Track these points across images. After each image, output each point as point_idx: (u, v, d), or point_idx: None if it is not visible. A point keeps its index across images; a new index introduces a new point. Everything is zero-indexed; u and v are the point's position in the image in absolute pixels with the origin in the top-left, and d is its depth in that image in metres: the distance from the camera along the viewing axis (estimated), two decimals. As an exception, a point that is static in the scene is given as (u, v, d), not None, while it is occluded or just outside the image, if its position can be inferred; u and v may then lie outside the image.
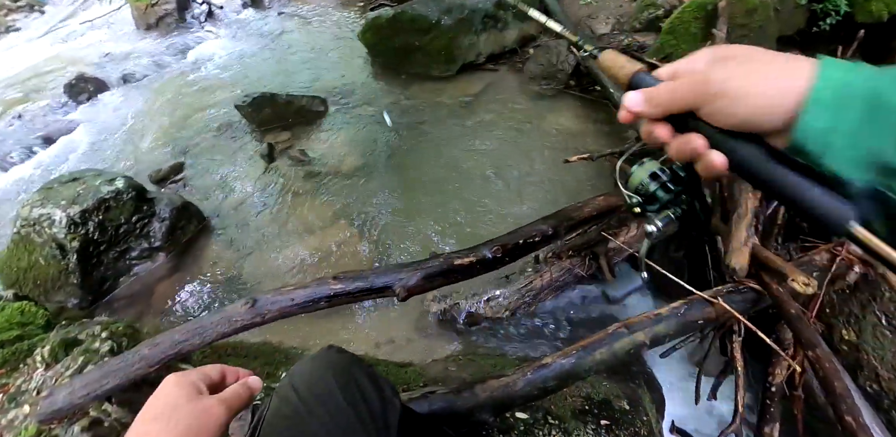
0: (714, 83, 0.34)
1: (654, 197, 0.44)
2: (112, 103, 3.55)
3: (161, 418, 0.44)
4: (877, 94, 0.29)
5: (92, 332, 1.21)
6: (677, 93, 0.36)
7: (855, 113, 0.29)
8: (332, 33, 4.06)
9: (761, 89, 0.32)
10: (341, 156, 2.66)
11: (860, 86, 0.30)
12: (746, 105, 0.33)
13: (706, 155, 0.36)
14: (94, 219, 1.97)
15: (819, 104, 0.30)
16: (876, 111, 0.29)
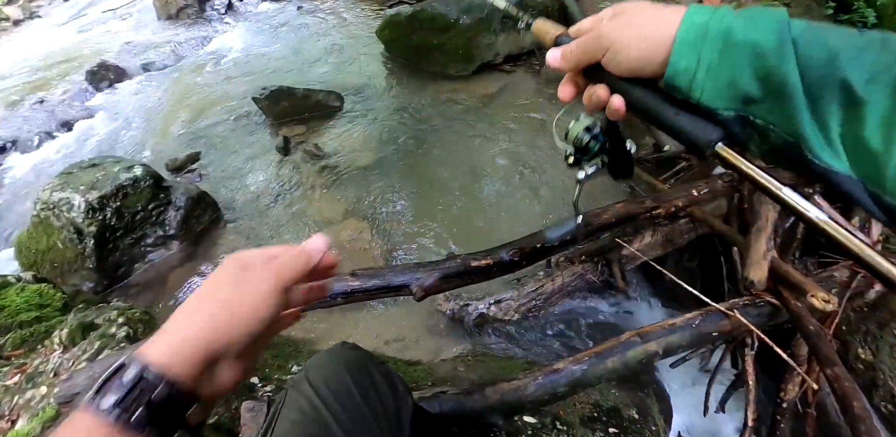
0: (605, 38, 0.39)
1: (586, 148, 0.50)
2: (132, 91, 3.59)
3: (196, 300, 0.38)
4: (729, 32, 0.34)
5: (108, 317, 1.23)
6: (580, 47, 0.41)
7: (712, 51, 0.34)
8: (349, 29, 4.07)
9: (638, 41, 0.38)
10: (356, 152, 2.67)
11: (716, 28, 0.34)
12: (629, 55, 0.38)
13: (609, 101, 0.41)
14: (111, 205, 1.99)
15: (683, 45, 0.35)
16: (729, 48, 0.34)
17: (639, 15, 0.39)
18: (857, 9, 2.58)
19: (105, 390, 0.32)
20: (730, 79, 0.34)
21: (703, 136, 0.35)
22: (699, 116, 0.36)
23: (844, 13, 2.65)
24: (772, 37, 0.33)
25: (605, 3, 3.41)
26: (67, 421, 0.32)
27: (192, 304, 0.38)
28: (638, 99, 0.39)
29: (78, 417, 0.32)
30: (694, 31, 0.35)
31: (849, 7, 2.62)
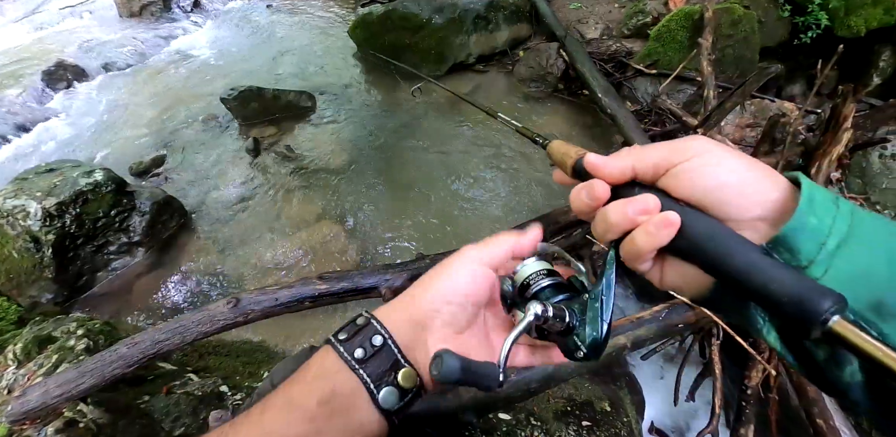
0: (693, 145, 0.31)
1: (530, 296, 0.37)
2: (92, 92, 3.44)
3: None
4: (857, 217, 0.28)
5: (67, 329, 1.18)
6: (649, 148, 0.32)
7: (842, 223, 0.27)
8: (321, 28, 4.01)
9: (738, 165, 0.30)
10: (328, 153, 2.63)
11: (846, 205, 0.28)
12: (723, 172, 0.29)
13: (660, 218, 0.30)
14: (70, 212, 1.91)
15: (812, 201, 0.27)
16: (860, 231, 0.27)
17: (739, 152, 0.31)
18: (812, 11, 2.71)
19: (344, 328, 0.37)
20: (865, 269, 0.26)
21: (811, 302, 0.23)
22: (801, 277, 0.25)
23: (800, 15, 2.77)
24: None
25: (575, 4, 3.47)
26: (320, 350, 0.37)
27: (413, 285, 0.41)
28: (706, 232, 0.28)
29: (324, 349, 0.37)
30: (822, 195, 0.28)
31: (804, 9, 2.75)
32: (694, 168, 0.30)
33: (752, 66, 2.71)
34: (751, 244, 0.28)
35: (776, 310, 0.25)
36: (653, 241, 0.30)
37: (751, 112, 2.30)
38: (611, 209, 0.32)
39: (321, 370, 0.35)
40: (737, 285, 0.27)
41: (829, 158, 1.64)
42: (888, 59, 2.78)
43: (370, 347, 0.35)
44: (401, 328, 0.36)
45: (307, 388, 0.35)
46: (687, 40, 2.69)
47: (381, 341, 0.35)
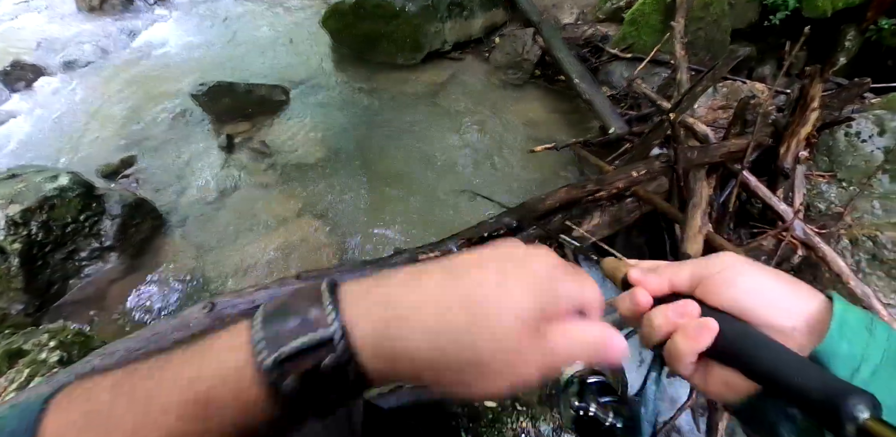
0: (727, 258, 0.34)
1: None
2: (53, 92, 3.29)
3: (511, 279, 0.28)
4: (895, 342, 0.28)
5: (38, 341, 1.14)
6: (686, 265, 0.35)
7: (878, 350, 0.28)
8: (292, 18, 3.89)
9: (772, 278, 0.32)
10: (305, 147, 2.58)
11: (882, 330, 0.29)
12: (752, 285, 0.32)
13: (698, 323, 0.32)
14: (37, 219, 1.84)
15: (844, 326, 0.28)
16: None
17: (768, 268, 0.34)
18: (780, -8, 2.73)
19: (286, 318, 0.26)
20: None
21: (844, 398, 0.24)
22: (832, 374, 0.27)
23: (769, -4, 2.80)
24: None
25: (548, -11, 3.43)
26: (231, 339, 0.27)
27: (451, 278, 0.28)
28: (743, 336, 0.30)
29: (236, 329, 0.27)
30: (855, 318, 0.29)
31: (773, -9, 2.77)
32: (725, 278, 0.33)
33: (724, 48, 2.74)
34: (783, 346, 0.29)
35: (810, 407, 0.26)
36: (692, 345, 0.32)
37: (723, 94, 2.33)
38: (654, 313, 0.35)
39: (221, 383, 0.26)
40: (772, 383, 0.28)
41: (797, 137, 1.68)
42: (853, 39, 2.84)
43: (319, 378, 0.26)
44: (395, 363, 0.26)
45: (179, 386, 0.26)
46: (660, 24, 2.69)
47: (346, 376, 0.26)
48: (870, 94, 2.17)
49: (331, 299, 0.27)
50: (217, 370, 0.26)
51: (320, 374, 0.25)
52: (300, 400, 0.26)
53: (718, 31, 2.74)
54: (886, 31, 2.69)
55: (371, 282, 0.29)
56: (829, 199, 1.84)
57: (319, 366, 0.25)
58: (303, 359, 0.25)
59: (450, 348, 0.26)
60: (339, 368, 0.25)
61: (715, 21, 2.71)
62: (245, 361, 0.25)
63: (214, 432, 0.26)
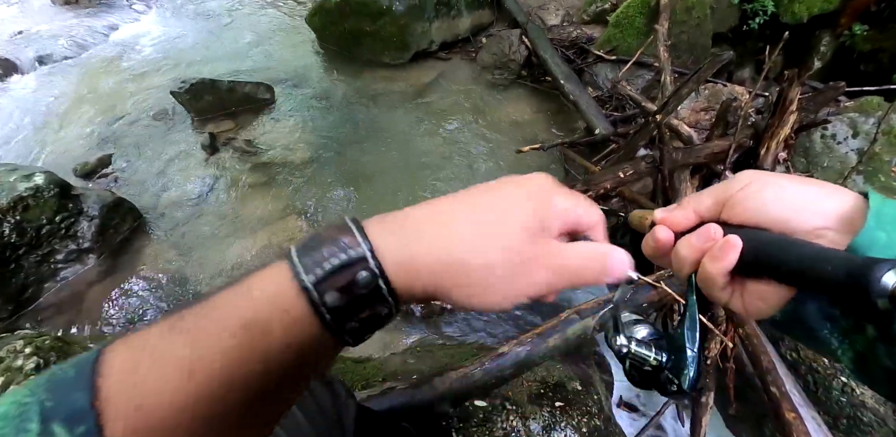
0: (746, 174, 0.33)
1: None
2: (26, 88, 3.18)
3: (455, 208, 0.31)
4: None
5: (13, 347, 1.10)
6: (706, 191, 0.34)
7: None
8: (277, 15, 3.83)
9: (796, 184, 0.31)
10: (290, 146, 2.55)
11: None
12: (774, 194, 0.31)
13: (722, 242, 0.31)
14: (9, 220, 1.77)
15: (882, 216, 0.27)
16: None
17: (793, 176, 0.32)
18: (758, -2, 2.81)
19: (320, 248, 0.28)
20: None
21: (868, 272, 0.23)
22: (854, 255, 0.27)
23: (748, 2, 2.87)
24: None
25: (534, -10, 3.46)
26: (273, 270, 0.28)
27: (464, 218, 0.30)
28: (765, 244, 0.30)
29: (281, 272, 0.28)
30: (891, 206, 0.28)
31: (751, -4, 2.85)
32: (747, 195, 0.32)
33: (706, 51, 2.80)
34: (808, 242, 0.28)
35: (840, 291, 0.25)
36: (720, 265, 0.31)
37: (705, 96, 2.39)
38: (680, 244, 0.34)
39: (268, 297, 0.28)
40: (802, 279, 0.27)
41: (776, 139, 1.73)
42: (828, 44, 2.93)
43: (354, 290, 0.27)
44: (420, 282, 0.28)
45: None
46: (644, 26, 2.74)
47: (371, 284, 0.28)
48: (844, 97, 2.25)
49: (357, 227, 0.30)
50: (262, 295, 0.28)
51: (357, 288, 0.27)
52: (341, 315, 0.27)
53: (701, 34, 2.80)
54: (859, 37, 2.79)
55: (389, 214, 0.32)
56: (806, 199, 1.89)
57: (354, 281, 0.27)
58: (340, 275, 0.27)
59: (461, 256, 0.29)
60: (373, 281, 0.28)
61: (697, 25, 2.77)
62: (287, 284, 0.27)
63: (272, 352, 0.27)
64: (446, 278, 0.29)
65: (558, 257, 0.30)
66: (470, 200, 0.32)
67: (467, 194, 0.33)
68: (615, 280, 0.32)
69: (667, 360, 0.34)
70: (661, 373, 0.34)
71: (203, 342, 0.26)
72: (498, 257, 0.29)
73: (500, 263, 0.29)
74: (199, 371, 0.25)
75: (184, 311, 0.28)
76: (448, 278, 0.29)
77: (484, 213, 0.31)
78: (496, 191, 0.32)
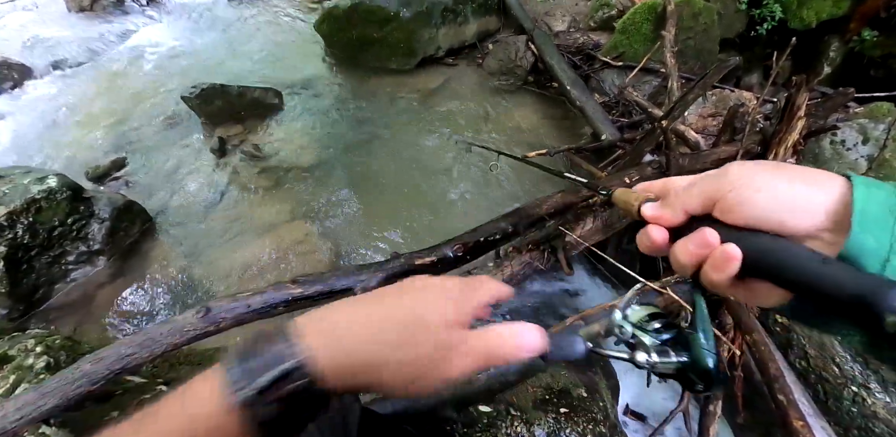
0: (733, 175, 0.32)
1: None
2: (41, 93, 3.24)
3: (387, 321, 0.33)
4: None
5: (24, 346, 1.12)
6: (695, 188, 0.34)
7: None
8: (286, 22, 3.89)
9: (787, 186, 0.30)
10: (298, 151, 2.58)
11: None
12: (767, 196, 0.30)
13: (719, 250, 0.31)
14: (23, 221, 1.80)
15: (866, 219, 0.27)
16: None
17: (777, 166, 0.31)
18: (766, 4, 2.81)
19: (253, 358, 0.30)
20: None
21: (874, 295, 0.24)
22: (857, 272, 0.26)
23: (756, 8, 2.87)
24: None
25: (541, -3, 3.48)
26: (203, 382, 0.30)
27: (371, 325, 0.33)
28: (766, 250, 0.29)
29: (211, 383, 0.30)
30: (877, 204, 0.27)
31: (759, 2, 2.85)
32: (741, 198, 0.31)
33: (713, 57, 2.80)
34: (809, 251, 0.29)
35: (844, 309, 0.25)
36: (722, 275, 0.32)
37: (712, 102, 2.38)
38: (677, 251, 0.34)
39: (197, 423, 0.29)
40: (804, 290, 0.28)
41: (784, 145, 1.72)
42: (837, 50, 2.92)
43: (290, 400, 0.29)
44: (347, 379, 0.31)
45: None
46: (651, 33, 2.75)
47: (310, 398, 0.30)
48: (854, 103, 2.24)
49: (291, 335, 0.31)
50: (199, 410, 0.29)
51: (296, 396, 0.29)
52: (278, 423, 0.29)
53: (708, 40, 2.80)
54: (869, 42, 2.77)
55: (320, 314, 0.34)
56: (815, 205, 1.88)
57: (294, 390, 0.29)
58: (279, 387, 0.29)
59: (391, 354, 0.32)
60: (312, 388, 0.29)
61: (704, 31, 2.77)
62: (223, 396, 0.29)
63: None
64: (380, 374, 0.32)
65: (476, 344, 0.33)
66: (394, 302, 0.35)
67: (390, 297, 0.36)
68: (532, 354, 0.34)
69: (687, 360, 0.35)
70: (685, 374, 0.35)
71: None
72: (422, 353, 0.32)
73: (425, 357, 0.32)
74: None
75: (116, 428, 0.30)
76: (381, 374, 0.32)
77: (408, 315, 0.34)
78: (416, 294, 0.36)
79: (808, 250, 0.29)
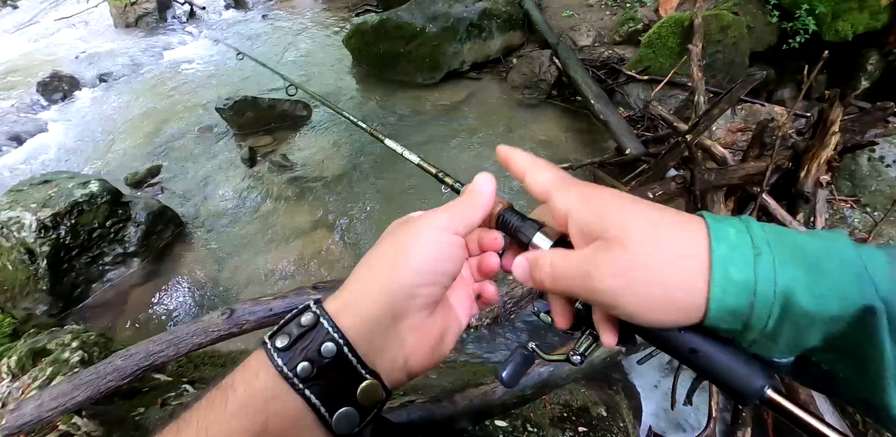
0: (597, 282, 0.28)
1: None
2: (87, 103, 3.46)
3: (363, 261, 0.33)
4: (788, 300, 0.25)
5: (62, 341, 1.17)
6: (561, 281, 0.30)
7: (766, 319, 0.25)
8: (316, 37, 4.05)
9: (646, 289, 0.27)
10: (324, 162, 2.65)
11: (767, 291, 0.25)
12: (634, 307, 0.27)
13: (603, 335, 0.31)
14: (65, 223, 1.91)
15: (722, 311, 0.26)
16: (790, 317, 0.25)
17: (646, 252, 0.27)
18: (799, 17, 2.75)
19: (283, 330, 0.29)
20: (793, 342, 0.26)
21: (747, 383, 0.27)
22: (738, 357, 0.28)
23: (788, 21, 2.82)
24: (851, 307, 0.24)
25: (567, 12, 3.52)
26: (248, 360, 0.29)
27: (361, 265, 0.32)
28: (652, 339, 0.30)
29: (255, 356, 0.28)
30: (735, 293, 0.25)
31: (791, 15, 2.80)
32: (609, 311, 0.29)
33: (742, 70, 2.75)
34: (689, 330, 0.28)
35: (721, 387, 0.28)
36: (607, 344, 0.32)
37: (741, 116, 2.33)
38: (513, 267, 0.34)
39: (250, 395, 0.27)
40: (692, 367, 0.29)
41: (817, 161, 1.67)
42: (875, 63, 2.83)
43: (319, 358, 0.27)
44: (365, 324, 0.29)
45: (228, 425, 0.26)
46: (677, 46, 2.73)
47: (334, 351, 0.27)
48: (894, 118, 2.15)
49: (316, 306, 0.30)
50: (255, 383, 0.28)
51: (323, 356, 0.28)
52: (314, 382, 0.27)
53: (737, 53, 2.76)
54: (909, 57, 2.68)
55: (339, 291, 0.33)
56: (852, 224, 1.80)
57: (320, 349, 0.28)
58: (305, 340, 0.28)
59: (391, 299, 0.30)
60: (338, 346, 0.28)
61: (734, 44, 2.74)
62: (267, 362, 0.28)
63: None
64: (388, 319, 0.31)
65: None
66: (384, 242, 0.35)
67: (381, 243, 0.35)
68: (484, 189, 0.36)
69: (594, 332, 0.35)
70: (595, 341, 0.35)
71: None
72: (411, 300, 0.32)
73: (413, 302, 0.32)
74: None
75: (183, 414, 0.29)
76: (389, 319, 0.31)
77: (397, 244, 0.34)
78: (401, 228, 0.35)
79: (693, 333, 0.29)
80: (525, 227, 0.35)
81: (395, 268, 0.30)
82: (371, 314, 0.29)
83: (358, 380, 0.28)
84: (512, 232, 0.35)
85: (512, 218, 0.36)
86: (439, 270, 0.31)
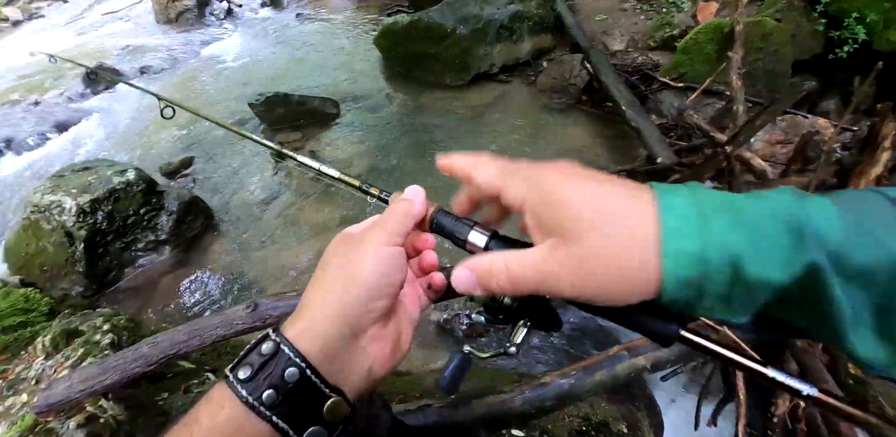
0: (558, 282, 0.28)
1: (502, 307, 0.38)
2: (127, 95, 3.59)
3: (313, 280, 0.34)
4: (736, 264, 0.25)
5: (94, 324, 1.21)
6: (521, 286, 0.30)
7: (718, 286, 0.25)
8: (347, 36, 4.10)
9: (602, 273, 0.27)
10: (351, 159, 2.67)
11: (716, 258, 0.25)
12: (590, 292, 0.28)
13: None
14: (103, 209, 1.98)
15: (676, 284, 0.26)
16: (740, 283, 0.25)
17: (595, 237, 0.27)
18: (848, 25, 2.63)
19: (244, 361, 0.29)
20: (748, 303, 0.26)
21: (664, 328, 0.30)
22: (656, 309, 0.29)
23: (835, 29, 2.69)
24: (796, 268, 0.24)
25: (600, 16, 3.46)
26: (210, 392, 0.29)
27: (314, 288, 0.33)
28: (588, 309, 0.32)
29: (217, 388, 0.29)
30: (686, 264, 0.25)
31: (840, 23, 2.67)
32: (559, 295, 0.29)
33: (784, 80, 2.64)
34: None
35: (642, 332, 0.31)
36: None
37: (782, 128, 2.24)
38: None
39: (214, 425, 0.27)
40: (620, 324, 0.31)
41: (866, 178, 1.58)
42: (930, 76, 2.67)
43: (283, 384, 0.28)
44: (326, 345, 0.29)
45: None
46: (715, 53, 2.64)
47: (297, 375, 0.28)
48: (948, 135, 2.03)
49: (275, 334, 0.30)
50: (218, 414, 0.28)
51: (287, 381, 0.28)
52: (279, 408, 0.28)
53: (779, 62, 2.66)
54: (968, 71, 2.52)
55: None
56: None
57: (283, 375, 0.28)
58: (268, 368, 0.28)
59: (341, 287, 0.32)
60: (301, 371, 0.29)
61: (775, 52, 2.63)
62: (231, 393, 0.28)
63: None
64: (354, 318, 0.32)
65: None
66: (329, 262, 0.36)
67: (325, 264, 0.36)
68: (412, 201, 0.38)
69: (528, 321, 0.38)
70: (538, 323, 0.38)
71: None
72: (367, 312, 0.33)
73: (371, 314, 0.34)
74: None
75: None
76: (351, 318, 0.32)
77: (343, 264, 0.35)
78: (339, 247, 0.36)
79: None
80: (458, 226, 0.36)
81: (348, 289, 0.31)
82: (329, 334, 0.30)
83: (323, 400, 0.29)
84: (447, 233, 0.37)
85: (444, 219, 0.37)
86: (389, 282, 0.33)
